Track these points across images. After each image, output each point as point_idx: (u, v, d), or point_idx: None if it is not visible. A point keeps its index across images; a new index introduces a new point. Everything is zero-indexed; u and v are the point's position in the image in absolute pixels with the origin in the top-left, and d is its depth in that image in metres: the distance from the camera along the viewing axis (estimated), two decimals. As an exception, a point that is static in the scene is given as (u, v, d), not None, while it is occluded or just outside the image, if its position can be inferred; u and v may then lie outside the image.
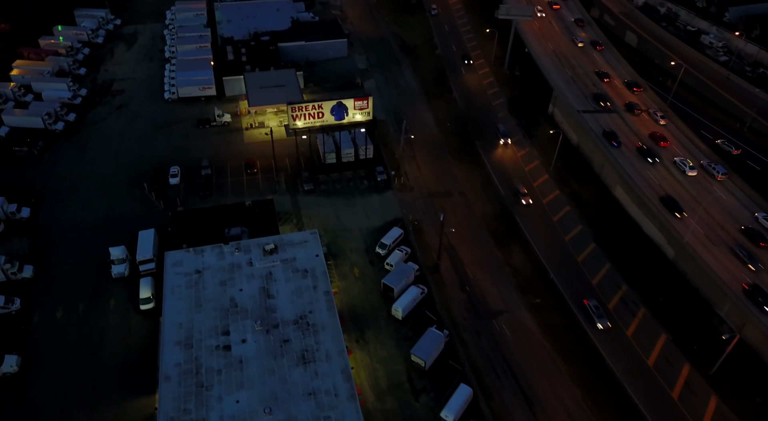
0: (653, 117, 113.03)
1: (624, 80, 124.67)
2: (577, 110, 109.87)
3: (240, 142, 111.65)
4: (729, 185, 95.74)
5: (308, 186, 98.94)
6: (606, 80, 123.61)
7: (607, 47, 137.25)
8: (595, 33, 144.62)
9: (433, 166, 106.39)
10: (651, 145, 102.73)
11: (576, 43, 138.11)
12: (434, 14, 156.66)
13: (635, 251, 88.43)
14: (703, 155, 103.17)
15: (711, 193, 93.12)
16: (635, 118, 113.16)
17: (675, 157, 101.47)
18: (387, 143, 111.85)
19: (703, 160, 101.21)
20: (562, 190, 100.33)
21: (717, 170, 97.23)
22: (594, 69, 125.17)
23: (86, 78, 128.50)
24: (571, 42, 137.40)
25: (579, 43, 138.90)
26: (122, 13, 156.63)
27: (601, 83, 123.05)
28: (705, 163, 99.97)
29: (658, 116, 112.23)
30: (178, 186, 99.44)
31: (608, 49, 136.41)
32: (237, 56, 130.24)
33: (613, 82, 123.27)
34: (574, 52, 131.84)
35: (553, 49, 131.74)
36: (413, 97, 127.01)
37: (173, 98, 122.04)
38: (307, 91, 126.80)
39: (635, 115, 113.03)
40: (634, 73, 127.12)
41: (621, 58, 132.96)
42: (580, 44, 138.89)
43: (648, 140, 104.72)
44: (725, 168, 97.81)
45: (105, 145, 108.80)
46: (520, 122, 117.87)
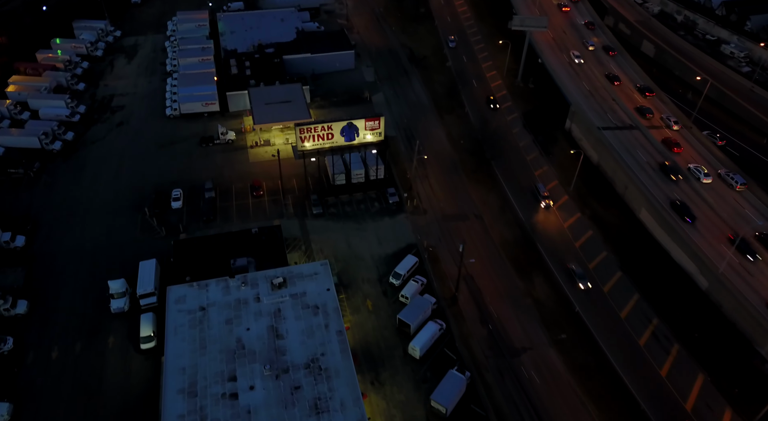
0: (666, 122, 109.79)
1: (636, 85, 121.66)
2: (597, 127, 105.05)
3: (245, 162, 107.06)
4: (748, 196, 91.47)
5: (317, 210, 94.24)
6: (616, 83, 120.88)
7: (620, 52, 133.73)
8: (606, 37, 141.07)
9: (446, 186, 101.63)
10: (671, 159, 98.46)
11: (587, 46, 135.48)
12: (453, 46, 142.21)
13: (665, 280, 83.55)
14: (719, 163, 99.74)
15: (729, 202, 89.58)
16: (646, 123, 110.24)
17: (689, 164, 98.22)
18: (398, 161, 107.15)
19: (720, 169, 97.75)
20: (584, 213, 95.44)
21: (735, 180, 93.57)
22: (618, 95, 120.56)
23: (85, 93, 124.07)
24: (585, 48, 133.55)
25: (590, 47, 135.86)
26: (122, 24, 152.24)
27: (612, 86, 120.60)
28: (723, 172, 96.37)
29: (671, 121, 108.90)
30: (181, 210, 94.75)
31: (621, 55, 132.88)
32: (241, 70, 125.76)
33: (624, 86, 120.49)
34: (591, 64, 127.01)
35: (569, 61, 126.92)
36: (424, 111, 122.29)
37: (175, 114, 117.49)
38: (313, 106, 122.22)
39: (646, 119, 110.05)
40: (647, 78, 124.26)
41: (634, 64, 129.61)
42: (591, 48, 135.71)
43: (661, 146, 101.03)
44: (744, 178, 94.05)
45: (105, 166, 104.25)
46: (536, 139, 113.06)
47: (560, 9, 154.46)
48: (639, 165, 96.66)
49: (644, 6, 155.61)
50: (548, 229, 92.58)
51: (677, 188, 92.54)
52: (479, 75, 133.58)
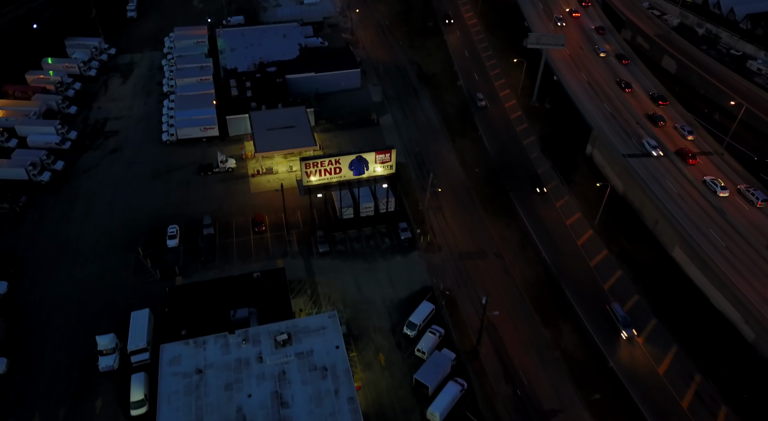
0: (680, 132, 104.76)
1: (649, 93, 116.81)
2: (622, 154, 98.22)
3: (246, 192, 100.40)
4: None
5: (323, 247, 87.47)
6: (628, 90, 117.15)
7: (633, 60, 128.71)
8: (619, 45, 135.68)
9: (462, 219, 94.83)
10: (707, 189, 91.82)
11: (598, 53, 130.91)
12: (481, 106, 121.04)
13: (705, 328, 76.53)
14: (738, 177, 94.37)
15: (749, 219, 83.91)
16: (659, 130, 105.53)
17: (705, 177, 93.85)
18: (409, 191, 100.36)
19: (740, 183, 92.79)
20: (611, 250, 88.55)
21: (756, 196, 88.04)
22: (640, 110, 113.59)
23: (77, 117, 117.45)
24: (603, 62, 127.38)
25: (601, 54, 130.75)
26: (117, 40, 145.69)
27: (623, 93, 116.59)
28: (743, 187, 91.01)
29: (685, 131, 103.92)
30: (177, 249, 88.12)
31: (634, 63, 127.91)
32: (241, 91, 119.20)
33: (636, 94, 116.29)
34: (610, 80, 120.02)
35: (588, 79, 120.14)
36: (435, 134, 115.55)
37: (172, 140, 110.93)
38: (318, 130, 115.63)
39: (658, 127, 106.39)
40: (660, 86, 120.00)
41: (647, 72, 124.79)
42: (602, 55, 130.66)
43: (692, 175, 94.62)
44: (766, 194, 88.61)
45: (96, 199, 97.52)
46: (555, 165, 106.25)
47: (571, 15, 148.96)
48: (670, 197, 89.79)
49: (663, 18, 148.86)
50: (573, 268, 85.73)
51: (718, 229, 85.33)
52: (492, 94, 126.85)
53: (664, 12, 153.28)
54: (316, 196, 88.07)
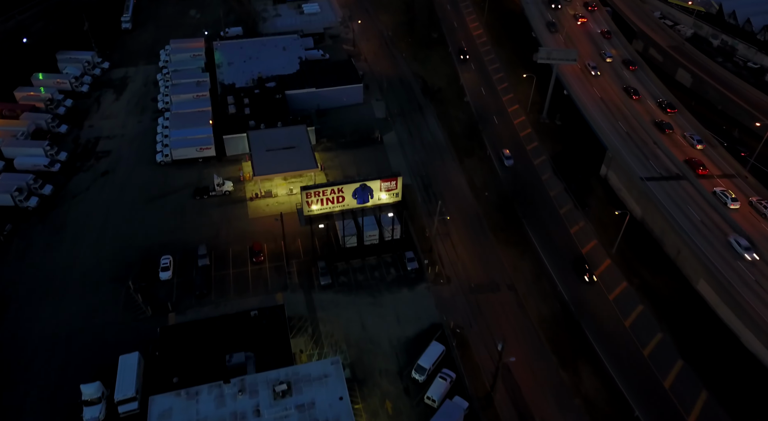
0: (689, 141, 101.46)
1: (657, 100, 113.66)
2: (640, 178, 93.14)
3: (243, 217, 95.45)
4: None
5: (325, 280, 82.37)
6: (635, 97, 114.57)
7: (640, 67, 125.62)
8: (626, 50, 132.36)
9: (472, 247, 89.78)
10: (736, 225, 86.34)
11: (604, 58, 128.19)
12: (509, 164, 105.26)
13: (737, 372, 71.35)
14: (750, 189, 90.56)
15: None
16: (667, 139, 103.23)
17: (715, 188, 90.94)
18: (415, 216, 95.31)
19: (753, 196, 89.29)
20: (631, 282, 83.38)
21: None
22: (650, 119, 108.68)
23: (67, 137, 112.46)
24: (610, 68, 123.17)
25: (608, 59, 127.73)
26: (111, 53, 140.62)
27: (631, 100, 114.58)
28: (755, 200, 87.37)
29: (694, 140, 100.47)
30: (171, 282, 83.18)
31: (641, 69, 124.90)
32: (239, 108, 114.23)
33: (643, 102, 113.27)
34: (625, 98, 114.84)
35: (601, 96, 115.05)
36: (441, 154, 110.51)
37: (166, 161, 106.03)
38: (319, 149, 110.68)
39: (665, 134, 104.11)
40: (668, 93, 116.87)
41: (655, 78, 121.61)
42: (609, 60, 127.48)
43: (715, 201, 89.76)
44: None
45: (86, 226, 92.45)
46: (568, 187, 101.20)
47: (576, 20, 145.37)
48: (693, 225, 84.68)
49: (676, 29, 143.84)
50: (591, 302, 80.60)
51: (746, 261, 79.75)
52: (500, 110, 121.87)
53: (677, 22, 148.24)
54: (317, 227, 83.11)
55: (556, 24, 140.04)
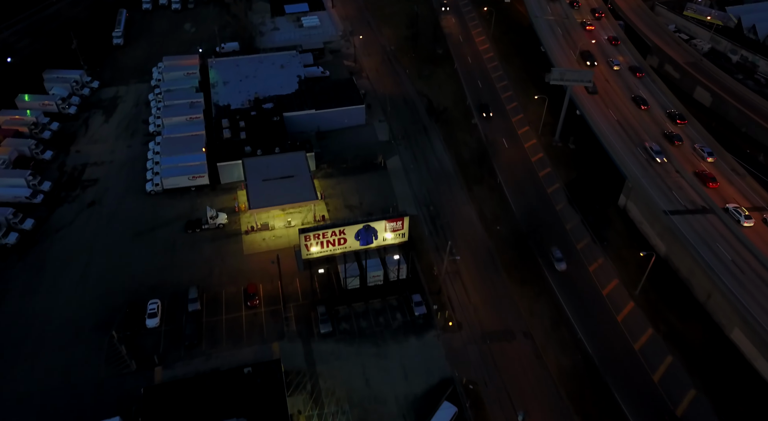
0: (699, 153, 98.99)
1: (666, 111, 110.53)
2: (663, 211, 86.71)
3: (238, 254, 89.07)
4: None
5: (325, 328, 75.88)
6: (643, 107, 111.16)
7: (648, 74, 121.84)
8: (632, 56, 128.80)
9: (484, 288, 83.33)
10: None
11: (612, 67, 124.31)
12: (562, 269, 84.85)
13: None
14: (765, 204, 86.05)
15: None
16: (675, 150, 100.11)
17: (728, 204, 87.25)
18: (421, 250, 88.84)
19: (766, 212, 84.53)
20: (657, 329, 76.85)
21: None
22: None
23: (52, 164, 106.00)
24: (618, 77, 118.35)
25: (615, 67, 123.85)
26: (101, 71, 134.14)
27: (639, 110, 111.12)
28: None
29: (705, 153, 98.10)
30: (158, 330, 76.83)
31: (648, 76, 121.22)
32: (234, 132, 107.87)
33: (652, 112, 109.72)
34: (642, 119, 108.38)
35: (617, 119, 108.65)
36: (448, 181, 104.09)
37: (157, 190, 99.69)
38: (319, 175, 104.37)
39: (675, 146, 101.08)
40: (677, 102, 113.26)
41: (663, 87, 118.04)
42: (616, 68, 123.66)
43: (747, 239, 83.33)
44: None
45: (68, 266, 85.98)
46: (585, 219, 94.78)
47: (584, 28, 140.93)
48: (724, 265, 78.19)
49: (692, 43, 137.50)
50: (615, 352, 73.98)
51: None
52: (510, 132, 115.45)
53: (693, 35, 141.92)
54: (317, 272, 76.75)
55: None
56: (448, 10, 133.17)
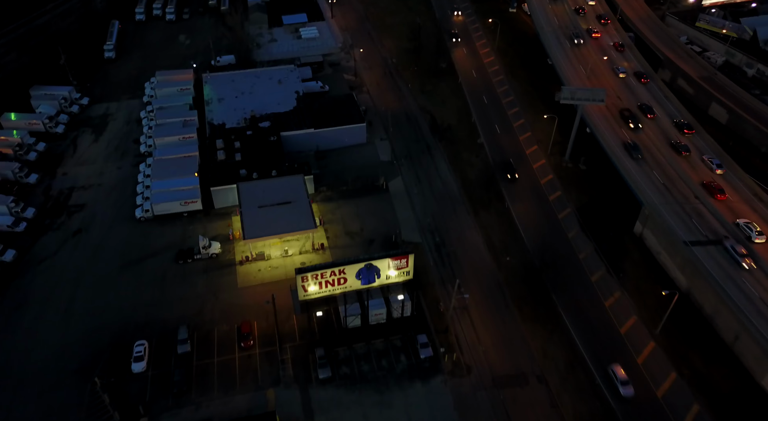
0: (707, 165, 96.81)
1: (673, 120, 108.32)
2: (683, 242, 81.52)
3: (232, 287, 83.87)
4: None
5: (324, 373, 70.50)
6: (650, 116, 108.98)
7: (653, 80, 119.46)
8: (637, 61, 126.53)
9: (494, 326, 78.04)
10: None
11: (618, 74, 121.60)
12: (628, 394, 68.14)
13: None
14: None
15: None
16: (682, 160, 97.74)
17: (738, 220, 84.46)
18: (426, 283, 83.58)
19: None
20: (681, 373, 71.45)
21: None
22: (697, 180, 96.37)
23: (37, 188, 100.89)
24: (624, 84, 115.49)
25: (621, 75, 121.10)
26: (92, 87, 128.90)
27: (645, 118, 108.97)
28: None
29: (714, 164, 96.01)
30: (145, 375, 71.63)
31: (654, 82, 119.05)
32: (229, 153, 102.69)
33: (658, 120, 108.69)
34: (659, 143, 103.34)
35: (632, 139, 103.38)
36: (454, 205, 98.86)
37: (147, 216, 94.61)
38: (318, 199, 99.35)
39: (682, 156, 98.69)
40: (684, 110, 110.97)
41: (670, 94, 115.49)
42: (622, 75, 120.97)
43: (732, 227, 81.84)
44: None
45: (51, 302, 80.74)
46: (599, 248, 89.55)
47: (590, 35, 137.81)
48: (753, 304, 72.89)
49: (705, 56, 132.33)
50: (638, 399, 68.50)
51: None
52: (518, 152, 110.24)
53: (706, 48, 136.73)
54: (315, 315, 71.57)
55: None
56: (459, 41, 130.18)
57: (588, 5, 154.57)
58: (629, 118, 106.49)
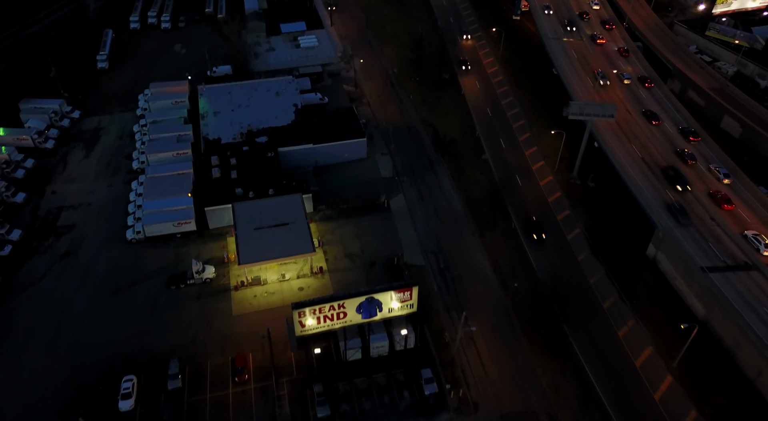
0: (714, 174, 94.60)
1: (679, 127, 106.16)
2: (700, 268, 77.56)
3: (227, 315, 79.91)
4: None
5: (323, 411, 66.45)
6: (654, 123, 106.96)
7: (657, 85, 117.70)
8: (641, 64, 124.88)
9: (502, 358, 74.06)
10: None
11: (623, 81, 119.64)
12: None
13: None
14: None
15: None
16: (689, 170, 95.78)
17: (746, 231, 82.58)
18: (431, 310, 79.61)
19: None
20: (702, 411, 67.31)
21: None
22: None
23: (25, 207, 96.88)
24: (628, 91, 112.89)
25: (626, 81, 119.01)
26: (84, 99, 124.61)
27: (651, 125, 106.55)
28: None
29: (721, 174, 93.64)
30: (133, 413, 67.65)
31: (658, 87, 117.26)
32: (224, 170, 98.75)
33: (664, 129, 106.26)
34: (671, 158, 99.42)
35: (642, 155, 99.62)
36: (458, 225, 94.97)
37: (138, 238, 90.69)
38: (317, 218, 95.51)
39: (688, 165, 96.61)
40: (690, 117, 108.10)
41: (674, 99, 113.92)
42: (627, 81, 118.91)
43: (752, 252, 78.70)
44: None
45: (36, 331, 76.73)
46: (610, 272, 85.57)
47: (595, 41, 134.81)
48: (775, 336, 69.18)
49: (716, 66, 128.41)
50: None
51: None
52: (524, 168, 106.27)
53: (716, 58, 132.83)
54: (313, 351, 67.60)
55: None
56: (469, 69, 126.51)
57: (592, 10, 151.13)
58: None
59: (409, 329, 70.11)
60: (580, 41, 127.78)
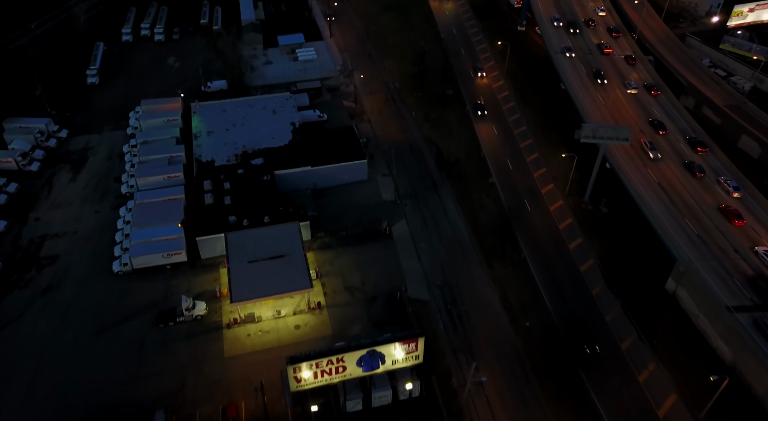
0: (724, 187, 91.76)
1: (686, 137, 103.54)
2: (725, 307, 72.30)
3: (218, 356, 74.55)
4: None
5: (322, 469, 61.91)
6: (661, 132, 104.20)
7: (664, 92, 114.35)
8: (646, 71, 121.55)
9: (513, 407, 68.65)
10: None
11: (629, 89, 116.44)
12: None
13: None
14: None
15: None
16: (696, 182, 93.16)
17: (757, 247, 79.93)
18: (437, 352, 74.23)
19: None
20: (732, 469, 62.82)
21: None
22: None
23: (6, 236, 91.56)
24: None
25: (632, 90, 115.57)
26: (72, 116, 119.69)
27: (656, 135, 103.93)
28: None
29: (731, 187, 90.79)
30: (115, 473, 62.77)
31: (665, 94, 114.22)
32: (218, 196, 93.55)
33: (671, 139, 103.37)
34: (691, 184, 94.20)
35: (659, 181, 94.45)
36: (464, 254, 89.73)
37: (126, 270, 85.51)
38: (315, 247, 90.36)
39: (696, 178, 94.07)
40: (698, 127, 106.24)
41: (681, 108, 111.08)
42: (634, 91, 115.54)
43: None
44: None
45: (12, 377, 71.29)
46: (627, 308, 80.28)
47: (602, 50, 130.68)
48: (810, 387, 63.99)
49: (730, 81, 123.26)
50: None
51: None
52: (533, 191, 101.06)
53: (731, 72, 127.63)
54: (310, 409, 62.28)
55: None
56: (486, 114, 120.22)
57: (598, 16, 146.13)
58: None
59: (415, 383, 64.85)
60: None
